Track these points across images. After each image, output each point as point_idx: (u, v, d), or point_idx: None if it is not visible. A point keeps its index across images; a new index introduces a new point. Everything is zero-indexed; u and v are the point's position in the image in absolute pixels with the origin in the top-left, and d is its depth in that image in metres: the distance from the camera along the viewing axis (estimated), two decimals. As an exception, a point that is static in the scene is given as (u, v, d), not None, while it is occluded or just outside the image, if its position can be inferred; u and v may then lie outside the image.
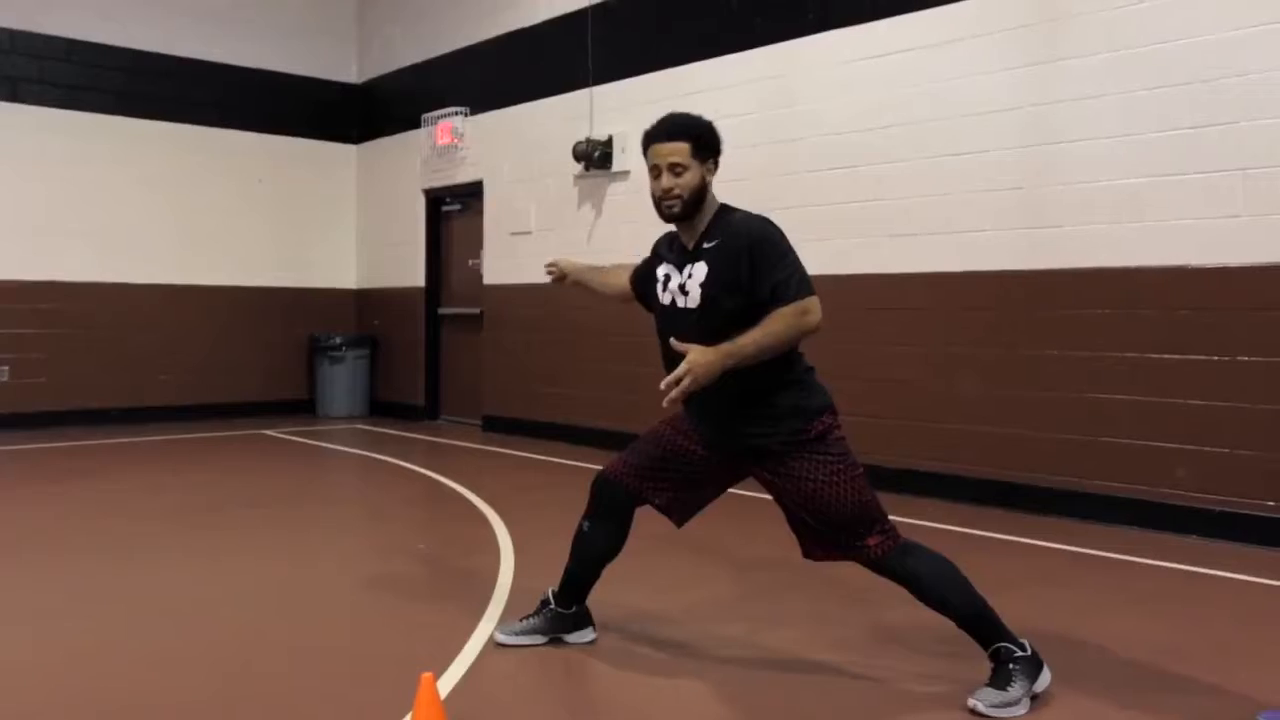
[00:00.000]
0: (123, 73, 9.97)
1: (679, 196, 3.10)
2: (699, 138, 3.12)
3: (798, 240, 3.20)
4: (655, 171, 3.14)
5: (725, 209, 3.19)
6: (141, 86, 10.07)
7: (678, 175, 3.10)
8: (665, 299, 3.20)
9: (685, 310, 3.12)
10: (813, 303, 2.97)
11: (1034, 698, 2.95)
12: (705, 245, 3.12)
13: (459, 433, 9.71)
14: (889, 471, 6.29)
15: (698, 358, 2.87)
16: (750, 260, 3.00)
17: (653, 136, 3.15)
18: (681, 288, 3.13)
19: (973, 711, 2.88)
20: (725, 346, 2.90)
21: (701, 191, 3.13)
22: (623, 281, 3.60)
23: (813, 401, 3.06)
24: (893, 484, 6.19)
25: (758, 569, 4.58)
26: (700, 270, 3.09)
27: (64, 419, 9.52)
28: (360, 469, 7.98)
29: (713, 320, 3.03)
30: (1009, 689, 2.90)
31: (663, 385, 2.89)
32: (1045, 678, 3.00)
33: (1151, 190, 5.43)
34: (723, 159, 3.15)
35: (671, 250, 3.26)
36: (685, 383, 2.86)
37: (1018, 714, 2.88)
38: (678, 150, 3.10)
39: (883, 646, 3.51)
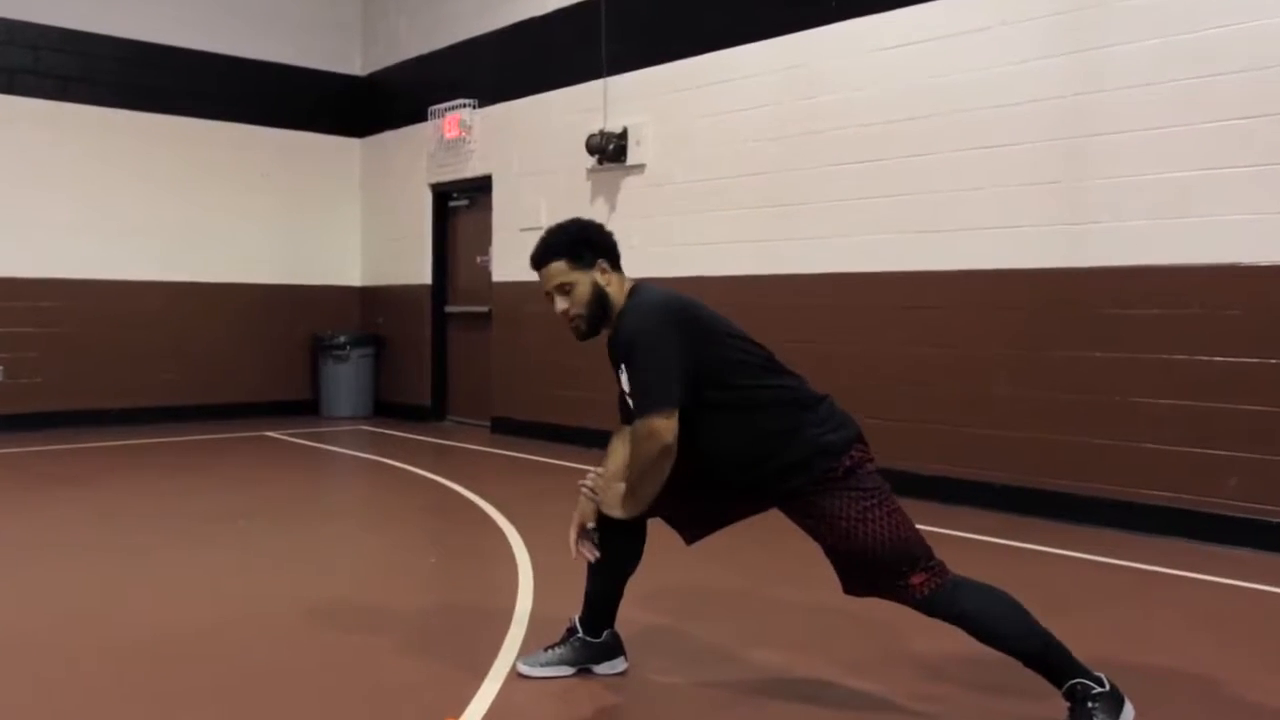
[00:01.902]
0: (120, 64, 9.69)
1: (579, 316, 2.96)
2: (570, 250, 2.95)
3: (819, 238, 2.95)
4: (549, 297, 2.99)
5: (630, 296, 2.96)
6: (140, 78, 9.79)
7: (568, 294, 2.95)
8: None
9: None
10: (654, 425, 2.74)
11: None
12: (618, 350, 2.92)
13: (466, 435, 9.44)
14: (918, 478, 6.03)
15: (603, 493, 2.97)
16: (626, 366, 2.85)
17: (532, 265, 3.01)
18: (629, 393, 2.93)
19: (1050, 756, 2.62)
20: (627, 491, 2.91)
21: (601, 298, 2.94)
22: (628, 436, 3.04)
23: (837, 436, 2.80)
24: (922, 491, 5.93)
25: (793, 589, 4.31)
26: (624, 377, 2.90)
27: (60, 420, 9.24)
28: (366, 473, 7.71)
29: None
30: (1090, 731, 2.63)
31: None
32: (1128, 713, 2.71)
33: (1200, 184, 5.15)
34: (743, 152, 2.89)
35: (610, 350, 3.05)
36: (580, 513, 3.03)
37: (1101, 759, 2.61)
38: (555, 272, 2.96)
39: (933, 678, 3.23)
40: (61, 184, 9.35)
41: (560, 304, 2.97)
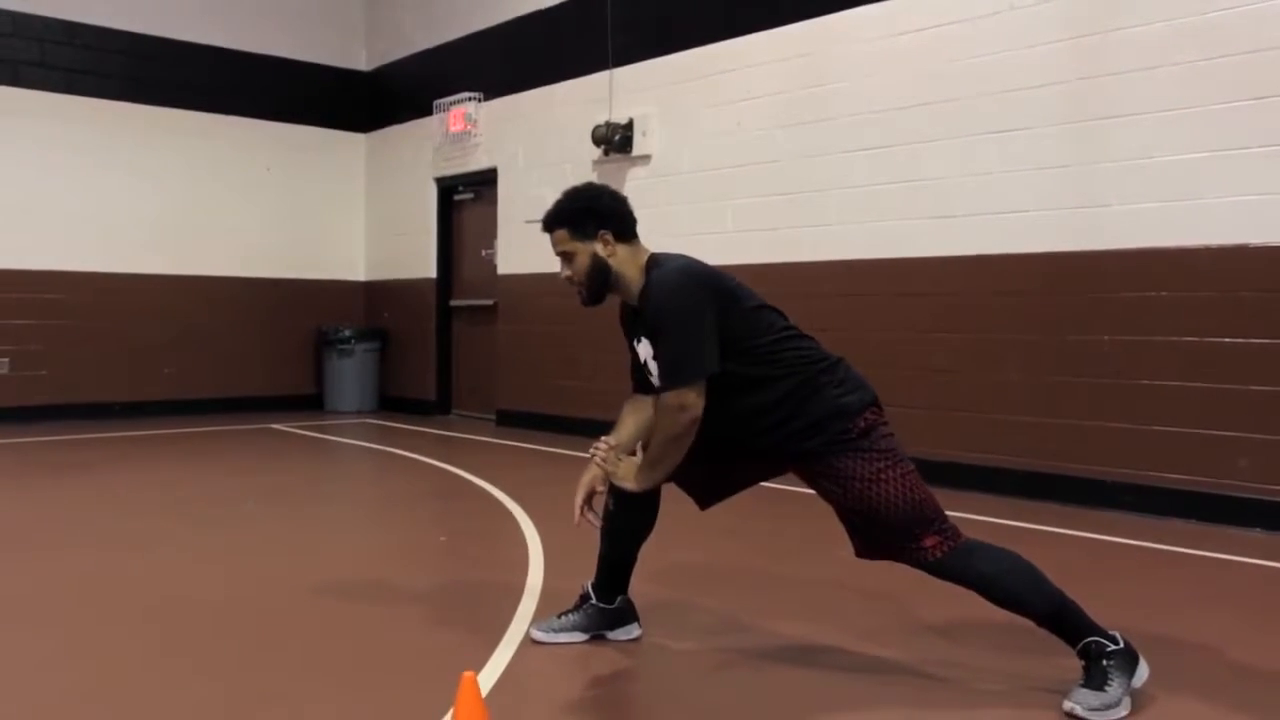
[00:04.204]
0: (126, 57, 9.70)
1: (579, 284, 3.01)
2: (571, 220, 2.96)
3: (830, 225, 2.94)
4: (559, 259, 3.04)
5: (651, 267, 2.94)
6: (145, 71, 9.80)
7: (569, 262, 3.00)
8: (653, 380, 2.94)
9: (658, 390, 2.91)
10: (685, 397, 2.72)
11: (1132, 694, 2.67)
12: (642, 316, 2.91)
13: (472, 427, 9.43)
14: (929, 464, 5.89)
15: (621, 468, 2.91)
16: (654, 337, 2.83)
17: (541, 226, 3.04)
18: (646, 364, 2.94)
19: (1069, 715, 2.60)
20: (642, 466, 2.88)
21: (601, 269, 2.96)
22: (640, 407, 3.12)
23: (854, 398, 2.80)
24: (934, 478, 5.81)
25: (805, 565, 4.30)
26: (647, 346, 2.91)
27: (65, 413, 9.23)
28: (373, 462, 7.70)
29: None
30: (1107, 688, 2.61)
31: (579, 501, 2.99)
32: (1143, 671, 2.71)
33: (1210, 166, 5.14)
34: (751, 141, 2.88)
35: (627, 318, 3.07)
36: (590, 475, 2.99)
37: (1120, 715, 2.59)
38: (559, 239, 3.00)
39: (948, 644, 3.22)
40: (67, 177, 9.35)
41: (564, 269, 3.01)
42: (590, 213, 2.96)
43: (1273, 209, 4.94)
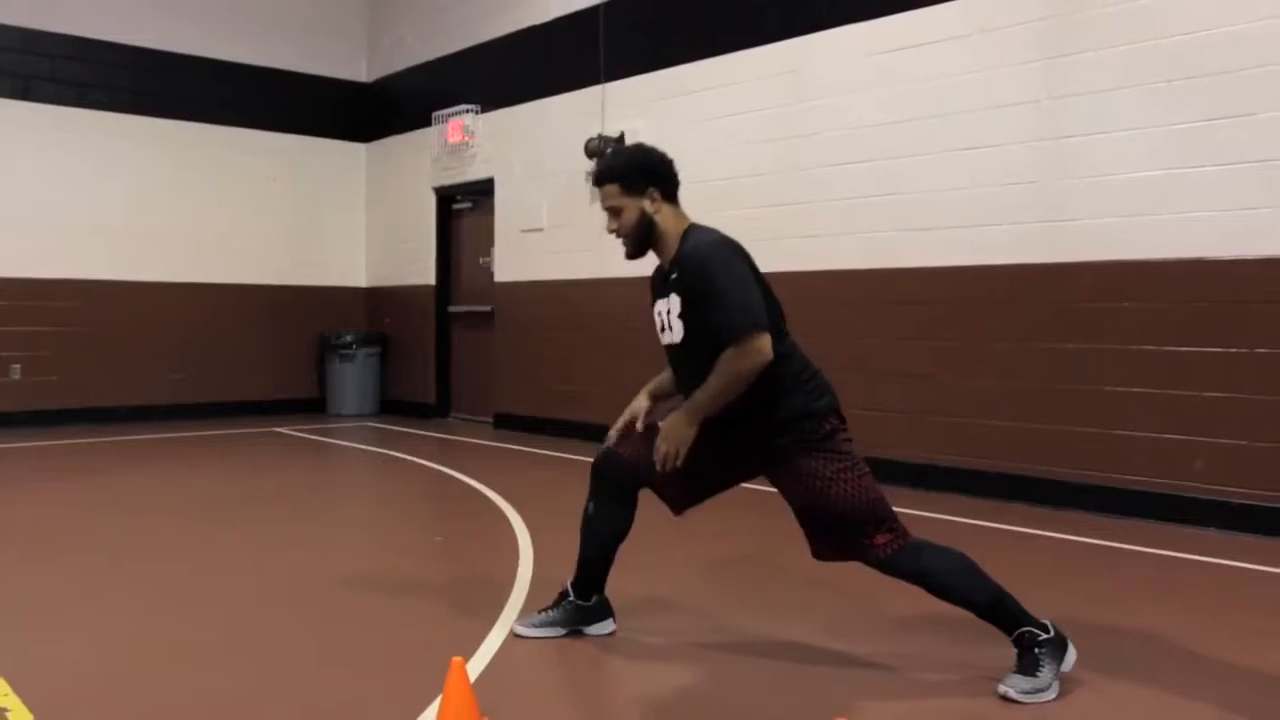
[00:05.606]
0: (133, 71, 9.99)
1: (625, 238, 3.21)
2: (624, 176, 3.18)
3: (813, 236, 3.18)
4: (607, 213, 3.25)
5: (690, 233, 3.19)
6: (152, 85, 10.09)
7: (616, 216, 3.20)
8: (664, 338, 3.20)
9: (675, 345, 3.17)
10: (751, 343, 2.92)
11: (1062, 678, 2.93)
12: (673, 276, 3.15)
13: (470, 430, 9.70)
14: (905, 466, 6.29)
15: (666, 429, 3.02)
16: (698, 295, 3.04)
17: (592, 183, 3.27)
18: (667, 319, 3.16)
19: (1003, 698, 2.86)
20: (687, 405, 3.02)
21: (646, 225, 3.19)
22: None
23: (820, 403, 3.05)
24: (909, 479, 6.21)
25: (759, 563, 4.56)
26: (675, 302, 3.12)
27: (75, 417, 9.53)
28: (373, 465, 7.97)
29: (698, 349, 3.05)
30: (1038, 674, 2.88)
31: (660, 469, 3.06)
32: (1071, 656, 2.98)
33: (1169, 182, 5.41)
34: (738, 155, 3.11)
35: (656, 281, 3.28)
36: (665, 451, 3.01)
37: (1049, 699, 2.86)
38: (609, 194, 3.20)
39: (893, 636, 3.49)
40: (76, 187, 9.64)
41: (610, 223, 3.22)
42: (641, 170, 3.19)
43: (1226, 224, 5.21)
